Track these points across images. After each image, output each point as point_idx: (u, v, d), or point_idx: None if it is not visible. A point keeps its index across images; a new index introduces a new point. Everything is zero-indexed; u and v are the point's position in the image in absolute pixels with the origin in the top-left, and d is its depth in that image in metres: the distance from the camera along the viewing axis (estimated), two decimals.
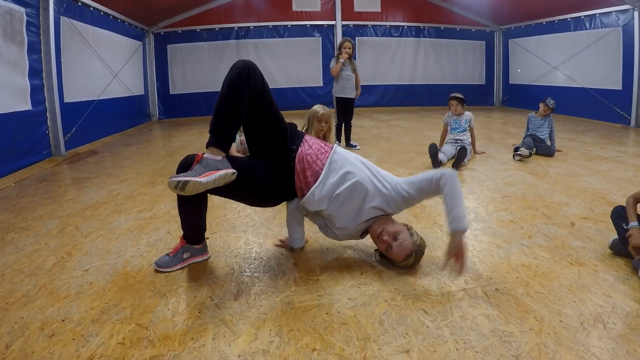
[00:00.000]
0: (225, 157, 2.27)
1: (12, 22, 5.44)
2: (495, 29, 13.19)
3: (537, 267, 2.49)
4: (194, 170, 2.16)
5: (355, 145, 6.65)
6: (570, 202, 3.74)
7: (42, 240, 3.12)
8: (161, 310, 2.11)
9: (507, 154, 5.84)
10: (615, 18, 9.08)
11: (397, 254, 2.39)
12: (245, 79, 2.27)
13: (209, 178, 2.13)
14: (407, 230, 2.46)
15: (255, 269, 2.56)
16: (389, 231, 2.40)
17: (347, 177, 2.41)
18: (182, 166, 2.32)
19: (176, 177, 2.10)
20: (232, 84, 2.27)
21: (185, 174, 2.13)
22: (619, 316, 1.97)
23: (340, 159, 2.49)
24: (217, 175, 2.16)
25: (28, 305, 2.19)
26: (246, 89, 2.28)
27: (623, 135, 7.71)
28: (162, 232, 3.22)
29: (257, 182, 2.44)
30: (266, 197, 2.57)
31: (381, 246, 2.46)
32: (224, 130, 2.30)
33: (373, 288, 2.28)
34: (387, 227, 2.42)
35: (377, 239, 2.47)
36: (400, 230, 2.42)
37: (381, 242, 2.42)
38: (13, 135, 5.43)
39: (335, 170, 2.44)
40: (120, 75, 9.09)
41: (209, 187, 2.17)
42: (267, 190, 2.49)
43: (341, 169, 2.43)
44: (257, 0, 11.83)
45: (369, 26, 12.49)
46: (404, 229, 2.46)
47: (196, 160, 2.22)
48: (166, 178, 4.79)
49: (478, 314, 2.01)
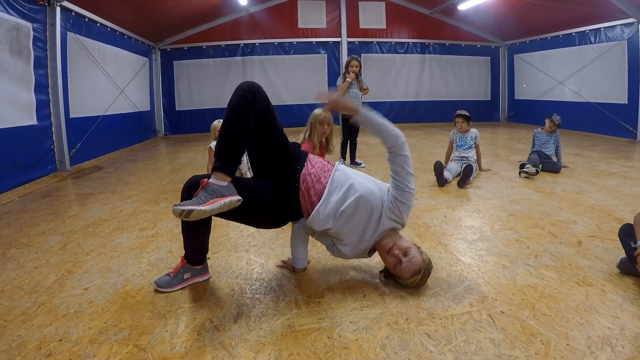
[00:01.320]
0: (230, 181, 2.26)
1: (19, 37, 5.50)
2: (500, 45, 13.24)
3: (544, 288, 2.45)
4: (199, 197, 2.15)
5: (360, 163, 6.62)
6: (577, 220, 3.69)
7: (43, 257, 3.11)
8: (160, 331, 2.08)
9: (512, 171, 5.80)
10: (620, 31, 9.11)
11: (406, 269, 2.37)
12: (251, 101, 2.26)
13: (213, 206, 2.12)
14: (417, 249, 2.45)
15: (256, 290, 2.53)
16: (400, 246, 2.40)
17: (350, 192, 2.41)
18: (187, 188, 2.31)
19: (180, 206, 2.09)
20: (237, 107, 2.26)
21: (189, 203, 2.12)
22: (628, 338, 1.92)
23: (342, 176, 2.48)
24: (222, 203, 2.15)
25: (26, 323, 2.18)
26: (251, 111, 2.27)
27: (629, 150, 7.67)
28: (164, 251, 3.20)
29: (264, 205, 2.43)
30: (273, 219, 2.56)
31: (391, 261, 2.42)
32: (229, 154, 2.29)
33: (375, 311, 2.23)
34: (399, 243, 2.42)
35: (387, 254, 2.44)
36: (410, 247, 2.42)
37: (391, 256, 2.40)
38: (18, 150, 5.46)
39: (338, 188, 2.43)
40: (127, 91, 9.16)
41: (213, 214, 2.17)
42: (273, 212, 2.48)
43: (344, 186, 2.43)
44: (263, 17, 11.93)
45: (374, 43, 12.58)
46: (414, 246, 2.45)
47: (201, 186, 2.21)
48: (170, 196, 4.80)
49: (483, 338, 1.96)
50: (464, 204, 4.33)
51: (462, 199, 4.52)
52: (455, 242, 3.26)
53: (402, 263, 2.36)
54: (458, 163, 5.54)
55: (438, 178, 5.06)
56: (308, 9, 12.18)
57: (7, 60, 5.24)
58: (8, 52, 5.26)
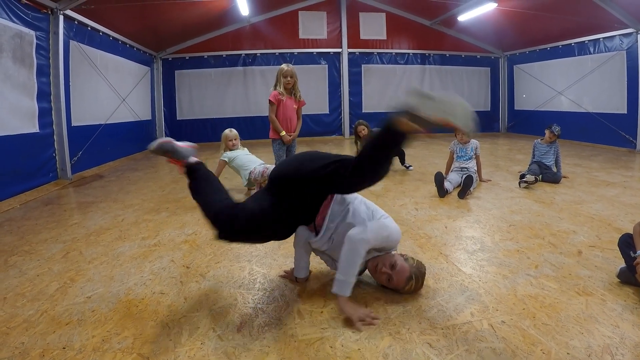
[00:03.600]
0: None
1: (22, 45, 5.55)
2: (500, 55, 13.32)
3: (544, 297, 2.46)
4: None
5: (409, 166, 6.98)
6: (577, 230, 3.70)
7: (45, 265, 3.12)
8: (163, 340, 2.08)
9: (513, 181, 5.82)
10: (619, 42, 9.18)
11: (398, 280, 2.42)
12: None
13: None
14: (401, 258, 2.49)
15: (259, 300, 2.54)
16: (385, 263, 2.45)
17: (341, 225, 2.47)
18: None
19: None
20: None
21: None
22: (628, 347, 1.93)
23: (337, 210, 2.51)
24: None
25: (29, 330, 2.19)
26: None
27: (629, 160, 7.70)
28: (166, 260, 3.21)
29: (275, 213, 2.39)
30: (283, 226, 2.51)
31: (382, 278, 2.48)
32: None
33: (377, 321, 2.24)
34: (383, 260, 2.47)
35: (376, 274, 2.52)
36: (395, 259, 2.46)
37: (380, 274, 2.47)
38: (20, 157, 5.49)
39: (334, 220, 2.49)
40: (128, 100, 9.21)
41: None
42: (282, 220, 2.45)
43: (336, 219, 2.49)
44: (264, 28, 12.01)
45: (374, 54, 12.67)
46: (399, 257, 2.49)
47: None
48: (172, 205, 4.83)
49: (484, 347, 1.97)
50: (464, 214, 4.35)
51: (463, 209, 4.54)
52: (456, 252, 3.27)
53: (393, 276, 2.42)
54: (458, 174, 5.56)
55: (439, 189, 5.08)
56: (309, 20, 12.28)
57: (10, 68, 5.28)
58: (11, 60, 5.30)
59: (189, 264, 3.10)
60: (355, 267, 2.29)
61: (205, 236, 3.75)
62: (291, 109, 5.17)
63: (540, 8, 9.15)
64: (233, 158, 5.30)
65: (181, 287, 2.72)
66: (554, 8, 8.96)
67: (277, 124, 5.07)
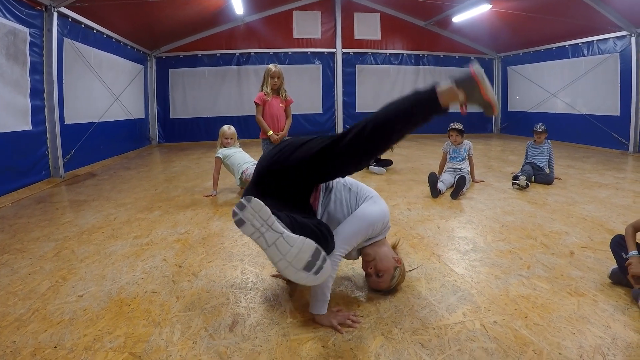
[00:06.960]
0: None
1: (16, 42, 5.51)
2: (493, 57, 13.37)
3: (536, 298, 2.47)
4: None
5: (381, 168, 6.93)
6: (569, 231, 3.72)
7: (37, 263, 3.10)
8: (155, 339, 2.08)
9: (505, 182, 5.84)
10: (613, 44, 9.24)
11: (371, 285, 2.55)
12: None
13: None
14: (392, 271, 2.43)
15: (251, 299, 2.53)
16: (377, 266, 2.42)
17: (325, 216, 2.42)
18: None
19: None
20: None
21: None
22: (619, 347, 1.94)
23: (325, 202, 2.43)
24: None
25: (21, 329, 2.17)
26: None
27: (621, 162, 7.75)
28: (158, 259, 3.19)
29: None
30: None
31: (365, 270, 2.53)
32: None
33: (370, 320, 2.24)
34: (378, 262, 2.42)
35: (365, 263, 2.51)
36: (386, 270, 2.42)
37: (366, 267, 2.50)
38: (12, 155, 5.46)
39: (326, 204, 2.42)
40: (122, 98, 9.17)
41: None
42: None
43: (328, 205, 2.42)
44: (259, 27, 12.00)
45: (369, 54, 12.67)
46: (391, 269, 2.43)
47: None
48: (164, 204, 4.83)
49: (476, 347, 1.97)
50: (457, 215, 4.36)
51: (456, 210, 4.55)
52: (448, 252, 3.28)
53: (371, 278, 2.49)
54: (451, 174, 5.57)
55: (432, 189, 5.09)
56: (303, 20, 12.26)
57: (3, 65, 5.25)
58: (4, 56, 5.26)
59: (181, 263, 3.09)
60: (327, 288, 2.20)
61: (197, 235, 3.74)
62: (277, 107, 5.18)
63: (534, 10, 9.19)
64: (227, 156, 5.29)
65: (173, 286, 2.71)
66: (549, 10, 9.00)
67: (264, 124, 5.08)
